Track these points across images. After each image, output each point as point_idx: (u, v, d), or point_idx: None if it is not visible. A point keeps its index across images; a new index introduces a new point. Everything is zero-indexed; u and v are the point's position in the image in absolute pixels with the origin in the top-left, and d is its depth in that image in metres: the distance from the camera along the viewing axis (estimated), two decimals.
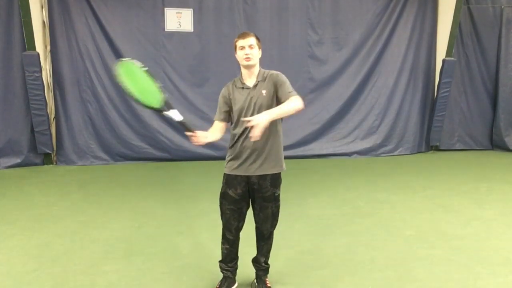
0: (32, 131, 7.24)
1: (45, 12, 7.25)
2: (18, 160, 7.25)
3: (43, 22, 7.27)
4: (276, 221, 3.12)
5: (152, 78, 2.85)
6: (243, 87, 2.97)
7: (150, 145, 7.77)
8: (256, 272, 3.19)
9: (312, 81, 8.21)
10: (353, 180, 6.54)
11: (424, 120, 8.78)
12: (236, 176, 2.98)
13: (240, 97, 2.95)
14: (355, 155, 8.34)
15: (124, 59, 2.82)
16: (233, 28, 7.80)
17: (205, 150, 7.83)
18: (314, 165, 7.58)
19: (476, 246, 4.03)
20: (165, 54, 7.70)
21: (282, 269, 3.27)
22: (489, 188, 6.07)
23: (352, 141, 8.42)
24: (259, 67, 3.02)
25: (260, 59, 3.00)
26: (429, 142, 8.77)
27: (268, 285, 3.13)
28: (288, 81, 2.99)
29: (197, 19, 7.74)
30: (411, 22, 8.45)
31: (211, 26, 7.76)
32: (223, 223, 3.09)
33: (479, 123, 9.05)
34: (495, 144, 9.04)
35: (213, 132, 3.07)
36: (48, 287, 3.26)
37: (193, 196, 5.66)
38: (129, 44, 7.56)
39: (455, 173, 7.02)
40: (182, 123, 2.85)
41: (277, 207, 3.07)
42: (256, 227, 3.11)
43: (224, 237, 3.11)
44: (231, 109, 3.01)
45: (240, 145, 2.95)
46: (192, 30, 7.74)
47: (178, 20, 7.68)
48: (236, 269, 3.21)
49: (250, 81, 2.98)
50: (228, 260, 3.15)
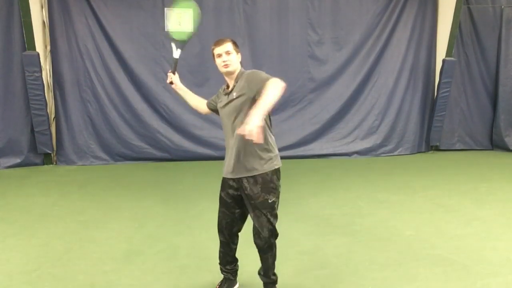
0: (32, 131, 7.24)
1: (45, 12, 7.25)
2: (18, 160, 7.25)
3: (43, 22, 7.27)
4: (274, 233, 2.93)
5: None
6: (225, 93, 2.99)
7: (150, 145, 7.77)
8: (265, 285, 3.09)
9: (312, 81, 8.21)
10: (353, 180, 6.54)
11: (424, 120, 8.78)
12: (228, 180, 2.94)
13: (221, 101, 3.01)
14: (355, 155, 8.34)
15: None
16: (233, 28, 7.80)
17: (205, 150, 7.84)
18: (314, 165, 7.58)
19: (476, 246, 4.03)
20: (165, 54, 7.70)
21: (282, 269, 3.26)
22: (489, 188, 6.07)
23: (352, 141, 8.42)
24: (240, 69, 2.92)
25: (241, 61, 2.96)
26: (429, 142, 8.77)
27: None
28: (263, 72, 2.82)
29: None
30: (411, 22, 8.45)
31: (211, 26, 7.76)
32: (218, 225, 3.05)
33: (479, 123, 9.05)
34: (495, 144, 9.04)
35: (197, 99, 3.43)
36: (48, 287, 3.26)
37: (193, 196, 5.66)
38: (129, 44, 7.56)
39: (455, 173, 7.01)
40: (175, 61, 3.41)
41: (273, 216, 2.88)
42: (253, 239, 2.96)
43: (219, 239, 3.07)
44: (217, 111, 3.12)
45: (228, 148, 2.95)
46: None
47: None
48: (237, 271, 3.19)
49: (232, 85, 2.96)
50: (225, 263, 3.11)
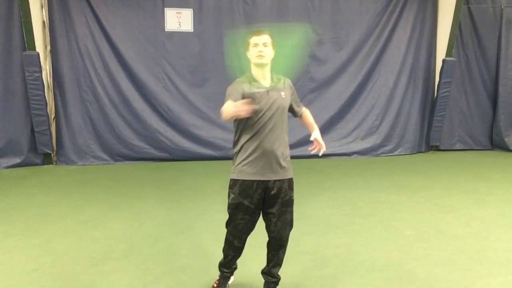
0: (32, 131, 7.24)
1: (45, 12, 7.25)
2: (18, 160, 7.25)
3: (43, 22, 7.26)
4: (292, 227, 2.98)
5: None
6: (260, 87, 2.80)
7: (150, 145, 7.76)
8: (266, 285, 3.08)
9: (312, 81, 8.21)
10: (353, 180, 6.55)
11: (424, 120, 8.78)
12: (253, 182, 2.79)
13: (260, 97, 2.76)
14: (355, 155, 8.34)
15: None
16: (233, 28, 7.79)
17: (205, 150, 7.83)
18: (314, 165, 7.58)
19: (476, 246, 4.03)
20: (165, 54, 7.70)
21: (282, 269, 3.26)
22: (489, 188, 6.08)
23: (352, 141, 8.41)
24: (270, 69, 2.88)
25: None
26: (429, 142, 8.77)
27: None
28: None
29: (197, 19, 7.73)
30: (411, 22, 8.45)
31: (211, 26, 7.76)
32: (233, 233, 2.93)
33: (479, 123, 9.05)
34: (495, 144, 9.04)
35: None
36: (48, 287, 3.27)
37: (193, 196, 5.66)
38: (129, 44, 7.55)
39: (455, 173, 7.02)
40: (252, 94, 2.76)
41: (292, 212, 2.96)
42: (272, 238, 2.94)
43: (232, 245, 2.97)
44: None
45: (257, 148, 2.78)
46: (192, 30, 7.74)
47: (178, 20, 7.68)
48: (236, 269, 3.20)
49: (265, 82, 2.83)
50: (232, 264, 3.11)
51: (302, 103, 3.20)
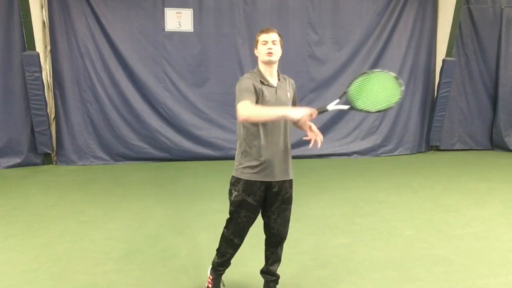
0: (32, 131, 7.24)
1: (45, 12, 7.25)
2: (18, 160, 7.24)
3: (43, 22, 7.26)
4: (288, 225, 3.03)
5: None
6: (269, 85, 2.81)
7: (150, 145, 7.76)
8: (266, 284, 3.08)
9: (312, 81, 8.21)
10: (353, 180, 6.54)
11: (424, 120, 8.78)
12: (257, 182, 2.80)
13: (269, 95, 2.78)
14: (355, 155, 8.34)
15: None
16: (233, 28, 7.80)
17: (205, 150, 7.83)
18: (314, 165, 7.58)
19: (476, 246, 4.03)
20: (165, 54, 7.70)
21: (282, 269, 3.26)
22: (489, 188, 6.08)
23: (352, 141, 8.41)
24: (277, 67, 2.92)
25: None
26: (429, 142, 8.77)
27: None
28: None
29: (197, 19, 7.73)
30: (411, 22, 8.44)
31: (211, 26, 7.76)
32: (234, 231, 2.92)
33: (479, 123, 9.05)
34: (495, 144, 9.03)
35: None
36: (48, 287, 3.27)
37: (193, 196, 5.66)
38: (129, 44, 7.55)
39: (455, 173, 7.02)
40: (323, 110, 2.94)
41: (291, 209, 3.00)
42: (271, 234, 2.96)
43: (231, 244, 2.96)
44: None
45: (262, 146, 2.77)
46: (192, 30, 7.74)
47: (178, 20, 7.68)
48: (229, 266, 3.16)
49: (272, 80, 2.85)
50: (225, 262, 3.09)
51: (302, 103, 3.21)
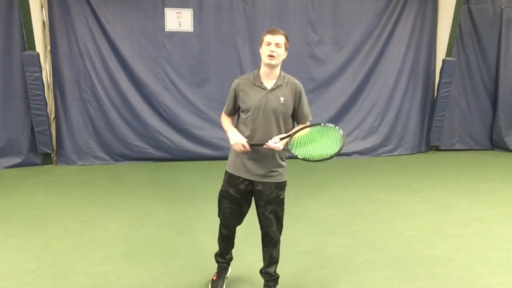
0: (32, 131, 7.24)
1: (45, 12, 7.25)
2: (18, 160, 7.24)
3: (43, 22, 7.26)
4: (282, 225, 3.03)
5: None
6: (260, 87, 2.83)
7: (150, 145, 7.76)
8: (266, 284, 3.12)
9: (312, 81, 8.21)
10: (353, 180, 6.55)
11: (424, 120, 8.78)
12: (239, 176, 2.91)
13: (255, 96, 2.81)
14: (355, 155, 8.33)
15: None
16: (233, 28, 7.80)
17: (205, 150, 7.83)
18: (314, 165, 7.58)
19: (476, 246, 4.04)
20: (165, 54, 7.70)
21: (282, 269, 3.26)
22: (489, 188, 6.08)
23: (352, 141, 8.41)
24: (280, 70, 2.89)
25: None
26: (429, 142, 8.77)
27: None
28: (307, 103, 2.97)
29: (197, 19, 7.73)
30: (411, 22, 8.44)
31: (211, 26, 7.75)
32: (221, 221, 3.07)
33: (479, 123, 9.05)
34: (495, 144, 9.03)
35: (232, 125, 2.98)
36: (48, 287, 3.27)
37: (193, 196, 5.66)
38: (129, 44, 7.55)
39: (455, 173, 7.02)
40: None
41: (282, 211, 2.98)
42: (263, 233, 3.02)
43: (221, 234, 3.12)
44: (238, 105, 2.89)
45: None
46: (192, 30, 7.74)
47: (178, 20, 7.68)
48: (231, 260, 3.28)
49: (268, 82, 2.85)
50: (225, 254, 3.21)
51: None
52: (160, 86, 7.72)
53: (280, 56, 2.81)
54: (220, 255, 3.24)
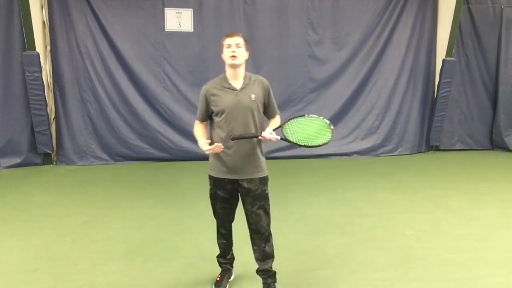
0: (32, 131, 7.24)
1: (45, 12, 7.25)
2: (18, 160, 7.25)
3: (43, 22, 7.27)
4: (270, 219, 3.08)
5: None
6: (230, 88, 2.94)
7: (150, 145, 7.76)
8: (264, 282, 3.12)
9: (312, 81, 8.21)
10: (353, 180, 6.54)
11: (424, 120, 8.78)
12: (224, 179, 3.01)
13: (226, 98, 2.92)
14: (355, 155, 8.33)
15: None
16: (233, 28, 7.78)
17: None
18: (314, 165, 7.58)
19: (476, 246, 4.03)
20: (165, 54, 7.70)
21: (282, 269, 3.26)
22: (489, 188, 6.07)
23: (352, 141, 8.41)
24: (244, 70, 3.01)
25: (247, 60, 3.00)
26: (429, 142, 8.77)
27: None
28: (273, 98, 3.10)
29: (197, 19, 7.73)
30: (411, 22, 8.44)
31: (211, 26, 7.76)
32: (217, 221, 3.17)
33: (479, 123, 9.05)
34: (495, 144, 9.03)
35: (204, 134, 3.10)
36: (48, 287, 3.27)
37: (193, 196, 5.66)
38: (129, 44, 7.56)
39: (455, 173, 7.01)
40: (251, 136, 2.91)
41: (269, 205, 3.06)
42: (252, 231, 3.05)
43: (219, 233, 3.20)
44: (211, 110, 2.98)
45: (225, 148, 2.92)
46: (192, 30, 7.74)
47: (178, 20, 7.68)
48: (233, 260, 3.30)
49: (236, 83, 2.96)
50: (226, 253, 3.26)
51: (302, 103, 3.24)
52: (160, 86, 7.72)
53: (242, 56, 2.93)
54: (222, 256, 3.28)
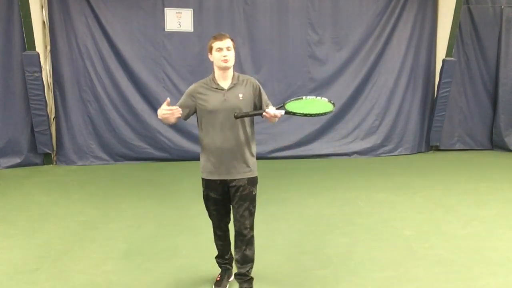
0: (32, 131, 7.24)
1: (45, 12, 7.25)
2: (18, 160, 7.24)
3: (43, 22, 7.26)
4: (253, 223, 3.07)
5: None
6: (217, 88, 2.98)
7: (150, 145, 7.76)
8: (240, 286, 3.11)
9: (312, 81, 8.21)
10: (353, 180, 6.54)
11: (424, 120, 8.77)
12: (215, 180, 3.00)
13: (214, 98, 2.95)
14: (355, 155, 8.33)
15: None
16: (233, 28, 7.79)
17: None
18: (314, 165, 7.58)
19: (476, 246, 4.03)
20: (165, 54, 7.70)
21: (282, 269, 3.27)
22: (489, 188, 6.07)
23: (352, 141, 8.41)
24: (233, 70, 3.04)
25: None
26: (429, 142, 8.76)
27: None
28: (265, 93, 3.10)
29: (197, 19, 7.73)
30: (411, 22, 8.44)
31: (211, 26, 7.75)
32: (213, 222, 3.18)
33: (479, 123, 9.05)
34: (495, 144, 9.03)
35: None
36: (48, 287, 3.27)
37: (193, 196, 5.63)
38: (129, 44, 7.55)
39: (455, 173, 7.01)
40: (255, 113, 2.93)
41: (254, 207, 3.06)
42: (236, 232, 3.05)
43: (216, 235, 3.21)
44: (194, 109, 3.03)
45: (213, 148, 2.95)
46: (192, 30, 7.74)
47: (178, 20, 7.68)
48: (232, 260, 3.28)
49: (224, 83, 2.99)
50: (225, 253, 3.27)
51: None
52: (160, 86, 7.72)
53: (233, 58, 2.98)
54: (220, 256, 3.29)
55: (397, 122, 8.58)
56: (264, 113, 2.86)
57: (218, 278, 3.26)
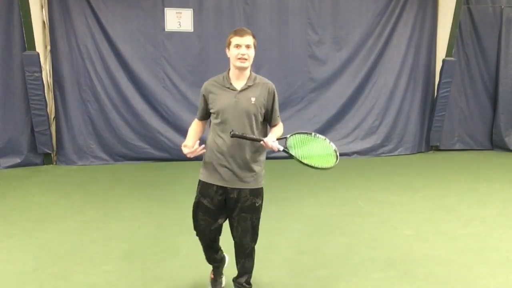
0: (32, 131, 7.24)
1: (45, 12, 7.25)
2: (18, 160, 7.24)
3: (43, 22, 7.26)
4: (257, 235, 2.87)
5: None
6: (230, 88, 2.75)
7: (150, 145, 7.76)
8: None
9: (312, 81, 8.20)
10: (353, 180, 6.54)
11: (424, 120, 8.77)
12: (213, 185, 2.77)
13: (224, 98, 2.72)
14: (355, 155, 8.33)
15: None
16: (233, 28, 7.76)
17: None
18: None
19: (476, 246, 4.04)
20: (165, 54, 7.70)
21: (282, 269, 3.27)
22: (489, 188, 6.08)
23: (352, 141, 8.41)
24: (250, 71, 2.81)
25: (256, 60, 2.80)
26: (429, 142, 8.77)
27: None
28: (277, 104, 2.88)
29: (197, 19, 7.73)
30: (411, 22, 8.44)
31: (211, 26, 7.75)
32: (197, 233, 2.90)
33: (479, 123, 9.05)
34: (495, 144, 9.03)
35: (197, 134, 2.91)
36: (48, 287, 3.27)
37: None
38: (129, 44, 7.55)
39: (455, 173, 7.02)
40: (255, 139, 2.72)
41: (258, 219, 2.82)
42: (235, 243, 2.87)
43: (201, 243, 2.97)
44: (209, 109, 2.81)
45: (217, 151, 2.73)
46: (192, 30, 7.74)
47: (178, 20, 7.68)
48: (224, 258, 3.16)
49: (238, 83, 2.76)
50: (212, 260, 3.09)
51: (302, 103, 3.17)
52: (160, 86, 7.72)
53: (252, 57, 2.73)
54: (207, 261, 3.12)
55: (397, 122, 8.58)
56: (262, 142, 2.65)
57: (212, 276, 3.18)
